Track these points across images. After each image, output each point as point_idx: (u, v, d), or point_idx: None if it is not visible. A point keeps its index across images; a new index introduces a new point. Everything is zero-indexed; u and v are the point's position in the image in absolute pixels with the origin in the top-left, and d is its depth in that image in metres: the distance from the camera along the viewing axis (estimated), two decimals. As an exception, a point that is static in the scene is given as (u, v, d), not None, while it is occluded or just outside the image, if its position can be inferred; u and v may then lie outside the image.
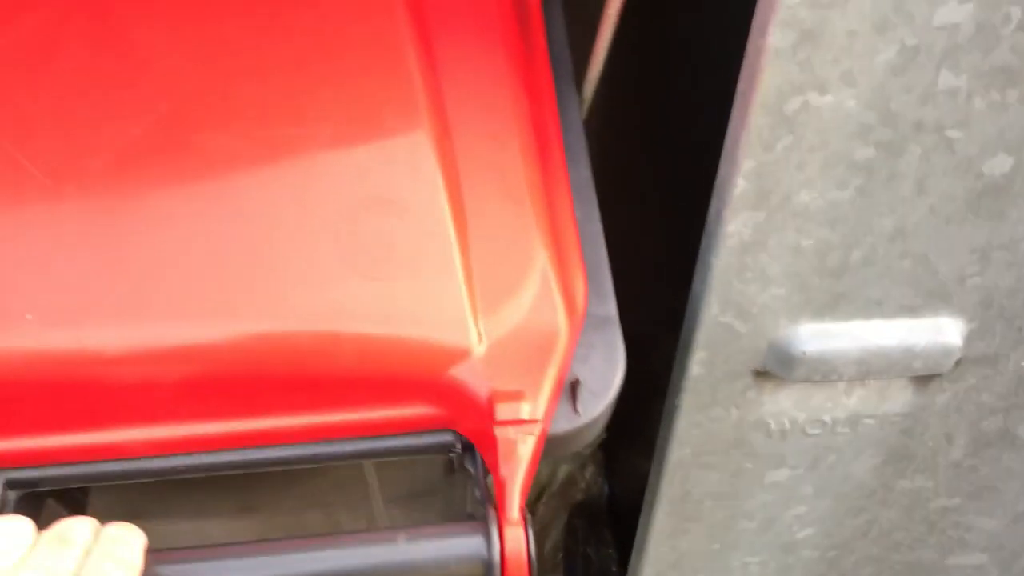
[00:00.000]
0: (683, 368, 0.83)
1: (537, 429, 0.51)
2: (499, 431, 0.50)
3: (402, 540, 0.50)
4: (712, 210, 0.73)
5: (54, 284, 0.49)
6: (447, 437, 0.55)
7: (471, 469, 0.54)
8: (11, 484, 0.52)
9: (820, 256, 0.75)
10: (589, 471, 1.47)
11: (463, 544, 0.50)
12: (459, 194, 0.53)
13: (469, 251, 0.53)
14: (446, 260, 0.51)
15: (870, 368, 0.81)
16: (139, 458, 0.53)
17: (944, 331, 0.81)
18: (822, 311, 0.79)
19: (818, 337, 0.79)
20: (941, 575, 1.09)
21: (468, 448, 0.54)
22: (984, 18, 0.62)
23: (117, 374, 0.49)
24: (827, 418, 0.88)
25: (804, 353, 0.79)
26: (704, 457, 0.91)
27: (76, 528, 0.48)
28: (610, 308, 0.59)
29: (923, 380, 0.86)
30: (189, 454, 0.53)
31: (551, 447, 0.53)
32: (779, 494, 0.96)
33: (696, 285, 0.78)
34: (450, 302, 0.51)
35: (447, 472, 0.63)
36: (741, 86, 0.65)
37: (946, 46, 0.63)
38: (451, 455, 0.54)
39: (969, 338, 0.82)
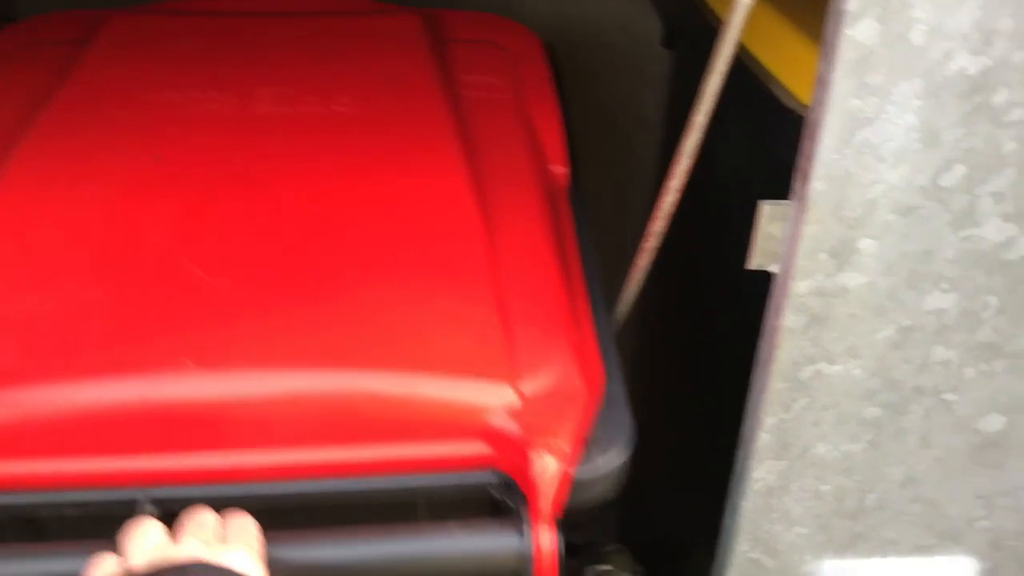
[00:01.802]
0: (717, 600, 0.90)
1: (565, 455, 0.62)
2: (535, 455, 0.62)
3: (457, 531, 0.61)
4: (739, 458, 0.82)
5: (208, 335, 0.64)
6: (491, 476, 0.64)
7: (510, 502, 0.62)
8: (153, 502, 0.61)
9: (838, 500, 0.83)
10: None
11: (504, 538, 0.61)
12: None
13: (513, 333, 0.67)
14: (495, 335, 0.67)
15: (890, 603, 0.88)
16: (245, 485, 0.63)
17: (958, 570, 0.88)
18: (843, 549, 0.86)
19: (840, 573, 0.86)
20: None
21: (509, 485, 0.63)
22: (967, 305, 0.73)
23: (240, 413, 0.62)
24: (854, 650, 0.93)
25: (828, 588, 0.86)
26: None
27: (207, 515, 0.58)
28: (620, 390, 0.71)
29: (943, 615, 0.92)
30: (285, 482, 0.63)
31: (575, 491, 0.63)
32: None
33: (727, 523, 0.86)
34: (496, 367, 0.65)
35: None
36: (761, 356, 0.76)
37: (937, 326, 0.74)
38: (493, 488, 0.64)
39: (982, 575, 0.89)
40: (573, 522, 0.63)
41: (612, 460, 0.65)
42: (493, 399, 0.63)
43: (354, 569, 0.60)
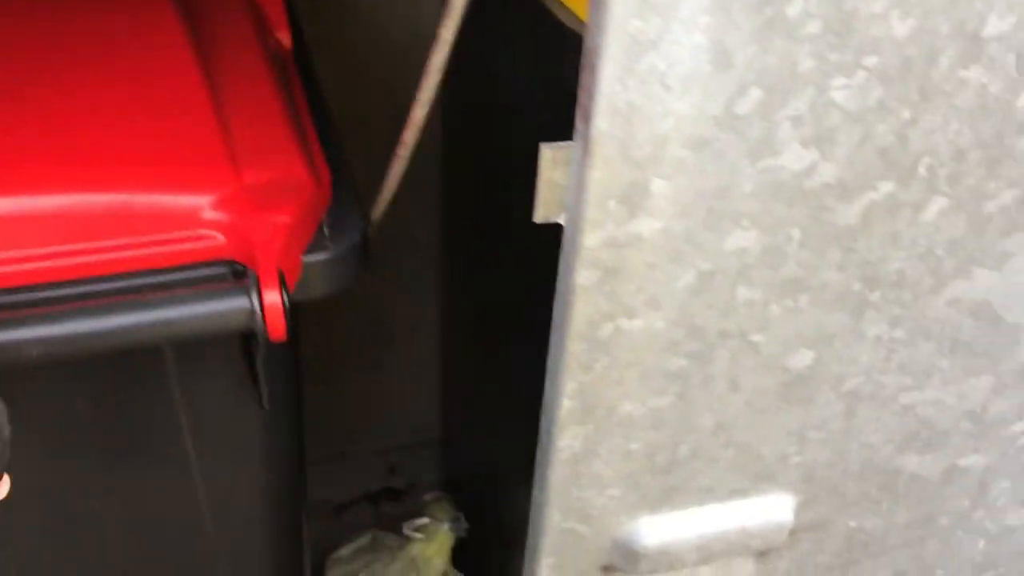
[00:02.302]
0: (533, 573, 0.82)
1: (288, 225, 0.67)
2: (259, 226, 0.67)
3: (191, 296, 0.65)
4: (543, 428, 0.74)
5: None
6: (224, 266, 0.67)
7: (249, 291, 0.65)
8: None
9: (649, 457, 0.77)
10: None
11: (234, 299, 0.65)
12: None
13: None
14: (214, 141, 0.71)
15: (711, 552, 0.83)
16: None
17: (775, 508, 0.84)
18: (658, 505, 0.80)
19: (657, 530, 0.81)
20: None
21: (241, 272, 0.67)
22: (768, 240, 0.66)
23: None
24: (677, 599, 0.89)
25: (646, 548, 0.81)
26: (562, 652, 0.90)
27: None
28: (351, 197, 0.76)
29: (763, 553, 0.89)
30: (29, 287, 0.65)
31: (312, 275, 0.69)
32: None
33: (536, 495, 0.78)
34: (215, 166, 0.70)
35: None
36: (556, 318, 0.67)
37: (739, 266, 0.67)
38: (227, 277, 0.67)
39: (798, 510, 0.86)
40: (393, 465, 0.63)
41: (342, 245, 0.71)
42: (214, 190, 0.68)
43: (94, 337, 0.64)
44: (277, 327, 0.65)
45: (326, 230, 0.72)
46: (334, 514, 1.64)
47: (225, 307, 0.65)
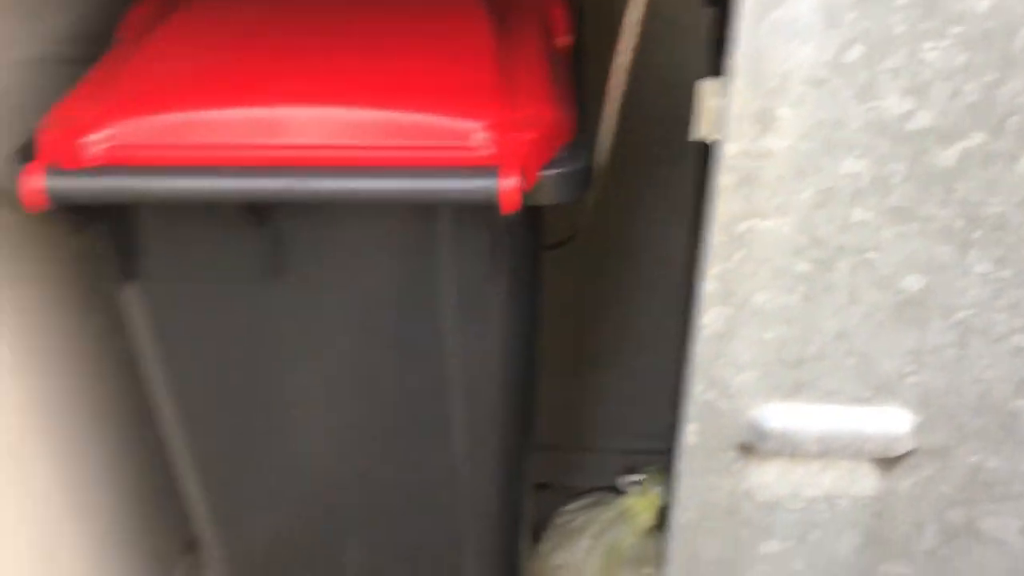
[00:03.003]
0: (681, 437, 1.05)
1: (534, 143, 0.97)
2: (511, 140, 0.96)
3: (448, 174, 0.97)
4: (692, 309, 0.97)
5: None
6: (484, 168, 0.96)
7: (497, 177, 0.93)
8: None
9: (780, 349, 0.97)
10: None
11: (484, 179, 0.94)
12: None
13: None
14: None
15: (830, 447, 1.02)
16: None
17: (893, 420, 1.01)
18: (788, 395, 1.00)
19: (785, 416, 1.01)
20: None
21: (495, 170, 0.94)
22: (877, 171, 0.87)
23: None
24: (806, 494, 1.07)
25: (773, 429, 1.01)
26: (706, 522, 1.11)
27: None
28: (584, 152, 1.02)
29: (886, 466, 1.05)
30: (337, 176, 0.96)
31: (541, 186, 0.96)
32: (773, 566, 1.14)
33: (685, 368, 1.01)
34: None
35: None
36: (706, 214, 0.92)
37: (852, 189, 0.88)
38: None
39: (918, 430, 1.01)
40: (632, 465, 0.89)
41: (568, 169, 0.97)
42: (487, 118, 0.97)
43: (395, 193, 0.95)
44: (512, 203, 0.94)
45: (561, 158, 0.99)
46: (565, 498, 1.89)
47: (479, 184, 0.95)
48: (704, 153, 0.93)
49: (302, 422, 1.19)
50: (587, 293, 1.82)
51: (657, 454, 1.81)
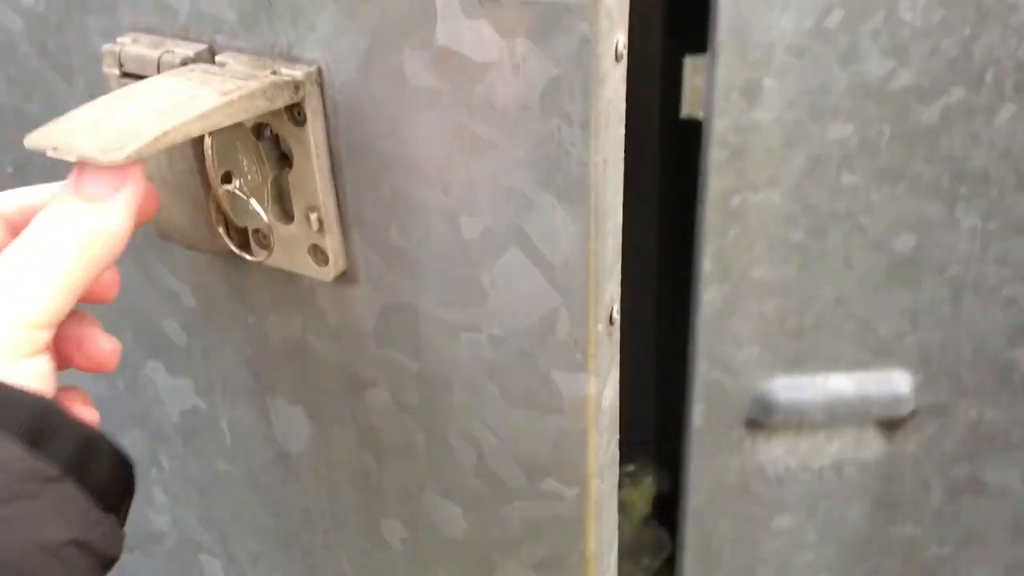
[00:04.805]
0: (689, 419, 1.05)
1: None
2: None
3: None
4: (693, 288, 0.98)
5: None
6: None
7: None
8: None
9: (780, 321, 0.98)
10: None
11: None
12: None
13: None
14: None
15: (836, 414, 1.02)
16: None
17: (894, 382, 1.02)
18: (791, 367, 1.01)
19: (790, 389, 1.01)
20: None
21: None
22: (864, 133, 0.88)
23: None
24: (815, 465, 1.08)
25: (779, 402, 1.01)
26: (717, 502, 1.11)
27: None
28: None
29: (890, 428, 1.06)
30: None
31: None
32: (787, 540, 1.14)
33: (690, 346, 1.01)
34: None
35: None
36: (699, 192, 0.92)
37: (841, 154, 0.89)
38: None
39: (918, 390, 1.03)
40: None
41: None
42: None
43: None
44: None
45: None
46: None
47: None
48: (676, 131, 0.93)
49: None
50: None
51: (643, 444, 1.83)
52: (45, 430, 0.33)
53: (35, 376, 0.34)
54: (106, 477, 0.35)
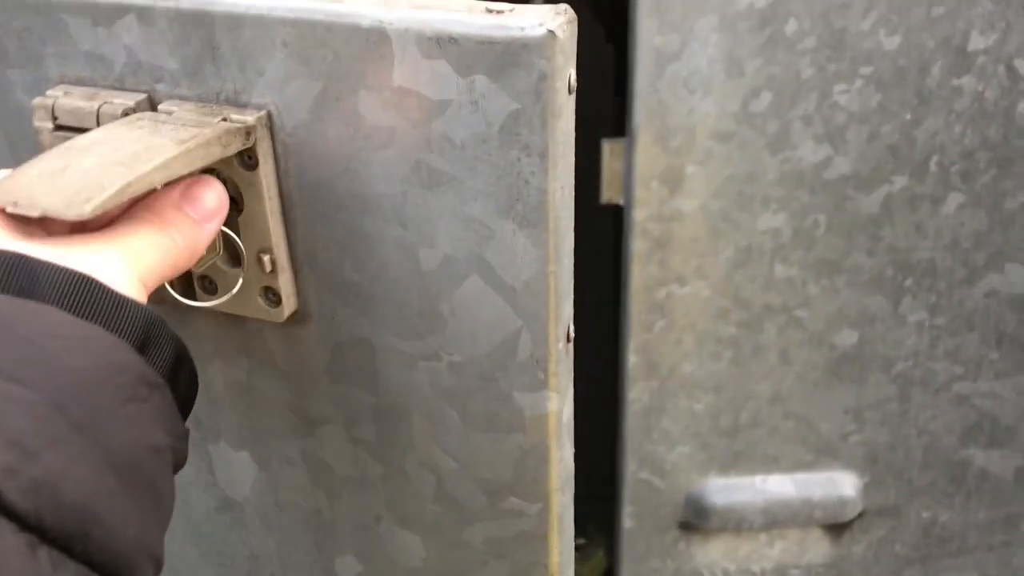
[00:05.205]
0: (618, 521, 0.97)
1: None
2: None
3: None
4: (618, 384, 0.90)
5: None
6: None
7: None
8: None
9: (713, 418, 0.90)
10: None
11: None
12: None
13: None
14: None
15: (776, 518, 0.94)
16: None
17: (839, 483, 0.94)
18: (726, 467, 0.93)
19: (726, 490, 0.93)
20: None
21: None
22: (798, 223, 0.80)
23: None
24: (756, 568, 1.00)
25: (715, 505, 0.93)
26: (652, 608, 1.03)
27: None
28: None
29: (837, 531, 0.98)
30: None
31: None
32: (729, 646, 1.06)
33: (618, 445, 0.93)
34: None
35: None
36: (622, 283, 0.84)
37: (773, 245, 0.81)
38: None
39: (865, 491, 0.95)
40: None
41: None
42: None
43: None
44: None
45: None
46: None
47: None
48: (594, 215, 0.86)
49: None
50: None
51: (597, 501, 1.75)
52: (152, 338, 0.35)
53: None
54: (187, 390, 0.38)
